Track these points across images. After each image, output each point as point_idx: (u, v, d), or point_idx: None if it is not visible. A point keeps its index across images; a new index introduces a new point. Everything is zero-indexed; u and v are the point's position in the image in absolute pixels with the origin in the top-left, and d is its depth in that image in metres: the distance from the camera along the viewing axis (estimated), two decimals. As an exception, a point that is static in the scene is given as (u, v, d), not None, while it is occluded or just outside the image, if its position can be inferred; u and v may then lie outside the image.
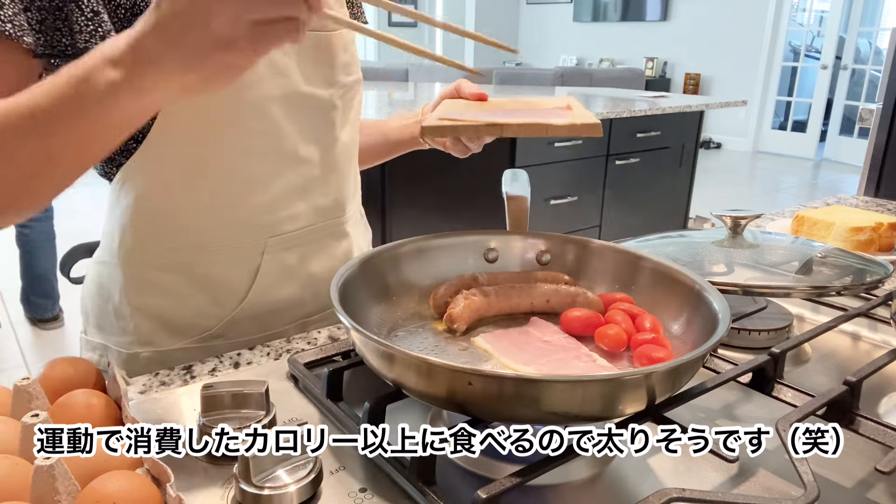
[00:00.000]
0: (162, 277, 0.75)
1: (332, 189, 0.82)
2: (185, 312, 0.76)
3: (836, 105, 7.35)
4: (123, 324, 0.77)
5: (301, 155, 0.76)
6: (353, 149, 0.87)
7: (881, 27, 7.16)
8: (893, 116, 1.99)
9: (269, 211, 0.75)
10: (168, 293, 0.75)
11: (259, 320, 0.79)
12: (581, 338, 0.63)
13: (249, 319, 0.78)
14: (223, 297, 0.76)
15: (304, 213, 0.79)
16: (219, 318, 0.77)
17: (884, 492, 0.51)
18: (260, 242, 0.76)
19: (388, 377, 0.51)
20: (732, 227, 0.86)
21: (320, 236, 0.82)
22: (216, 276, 0.75)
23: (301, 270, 0.81)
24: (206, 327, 0.77)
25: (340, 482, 0.50)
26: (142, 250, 0.74)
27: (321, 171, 0.79)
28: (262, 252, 0.76)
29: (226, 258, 0.75)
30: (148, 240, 0.73)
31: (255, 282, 0.77)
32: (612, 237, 0.88)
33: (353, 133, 0.85)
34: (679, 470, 0.53)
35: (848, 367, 0.74)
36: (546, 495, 0.50)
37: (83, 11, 0.61)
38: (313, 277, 0.82)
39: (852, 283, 0.73)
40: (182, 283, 0.75)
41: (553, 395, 0.46)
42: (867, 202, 1.49)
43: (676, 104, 3.29)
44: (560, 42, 9.33)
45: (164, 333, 0.76)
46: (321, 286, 0.82)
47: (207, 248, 0.74)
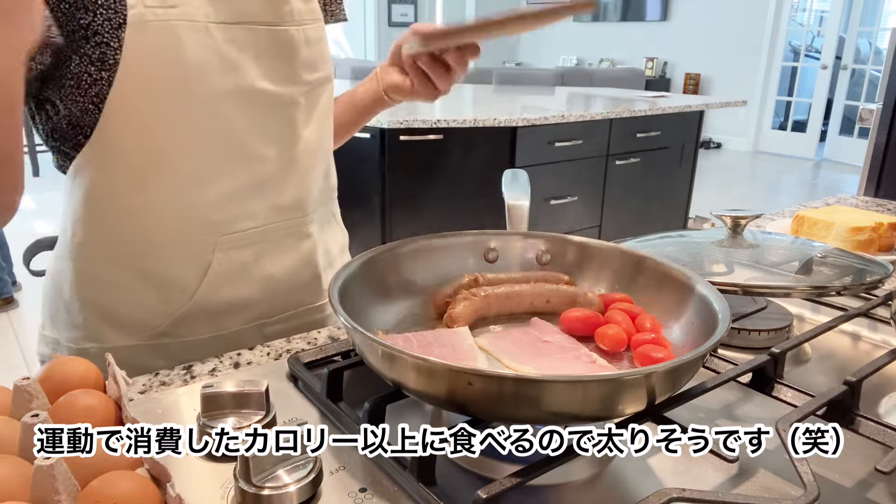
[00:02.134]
0: (111, 272, 0.74)
1: (293, 188, 0.80)
2: (133, 309, 0.75)
3: (836, 105, 7.35)
4: (73, 318, 0.76)
5: (257, 152, 0.75)
6: (320, 147, 0.84)
7: (881, 27, 7.16)
8: (893, 116, 1.99)
9: (219, 208, 0.74)
10: (116, 288, 0.74)
11: (211, 320, 0.78)
12: (581, 338, 0.63)
13: (200, 318, 0.77)
14: (172, 294, 0.75)
15: (260, 211, 0.77)
16: (167, 315, 0.76)
17: (884, 492, 0.51)
18: (210, 240, 0.75)
19: (388, 377, 0.51)
20: (732, 227, 0.86)
21: (279, 236, 0.80)
22: (165, 273, 0.74)
23: (256, 270, 0.79)
24: (154, 324, 0.76)
25: (340, 482, 0.50)
26: (91, 244, 0.74)
27: (280, 169, 0.77)
28: (213, 250, 0.75)
29: (175, 255, 0.74)
30: (97, 234, 0.73)
31: (205, 280, 0.75)
32: (612, 237, 0.88)
33: (320, 131, 0.83)
34: (679, 470, 0.53)
35: (848, 367, 0.74)
36: (546, 495, 0.50)
37: None
38: (271, 278, 0.80)
39: (852, 283, 0.73)
40: (130, 278, 0.74)
41: (553, 395, 0.46)
42: (867, 202, 1.49)
43: (676, 104, 3.29)
44: (560, 42, 9.32)
45: (111, 329, 0.76)
46: (279, 287, 0.81)
47: (156, 245, 0.73)
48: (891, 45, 2.07)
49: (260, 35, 0.72)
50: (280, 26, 0.73)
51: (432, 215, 2.69)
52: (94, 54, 0.65)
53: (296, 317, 0.85)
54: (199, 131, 0.70)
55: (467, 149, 2.66)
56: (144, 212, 0.72)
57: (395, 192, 2.62)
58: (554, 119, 2.76)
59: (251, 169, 0.75)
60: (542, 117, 2.73)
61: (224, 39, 0.69)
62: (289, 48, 0.75)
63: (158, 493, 0.44)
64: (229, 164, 0.73)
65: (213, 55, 0.68)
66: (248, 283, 0.79)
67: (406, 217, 2.66)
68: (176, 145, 0.70)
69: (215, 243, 0.75)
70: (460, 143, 2.63)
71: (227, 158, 0.73)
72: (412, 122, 2.50)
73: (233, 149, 0.73)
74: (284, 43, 0.74)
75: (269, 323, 0.83)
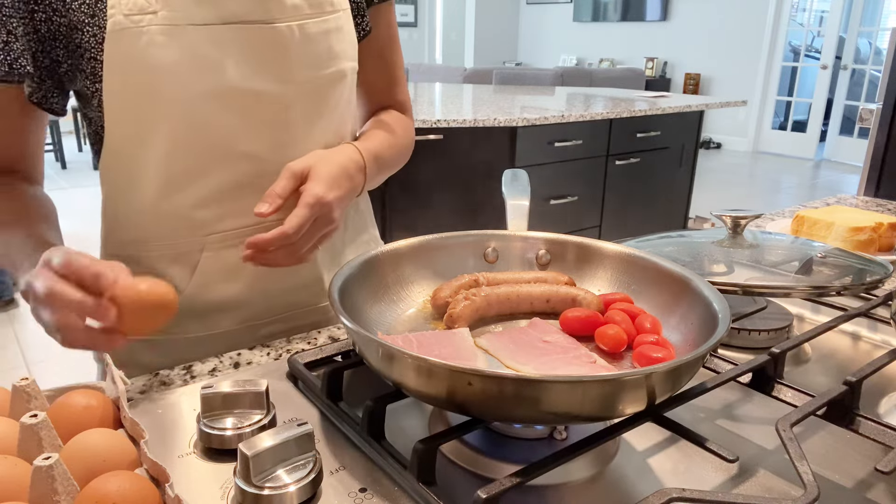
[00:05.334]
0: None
1: None
2: None
3: (836, 105, 7.35)
4: None
5: (243, 151, 0.74)
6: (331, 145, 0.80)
7: (881, 27, 7.16)
8: (893, 116, 1.99)
9: (203, 207, 0.74)
10: None
11: (202, 319, 0.78)
12: (581, 338, 0.63)
13: (191, 317, 0.78)
14: None
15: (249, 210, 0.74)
16: None
17: (884, 492, 0.51)
18: (197, 239, 0.75)
19: (388, 377, 0.51)
20: (732, 227, 0.85)
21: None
22: (157, 271, 0.76)
23: (246, 270, 0.77)
24: None
25: (340, 482, 0.50)
26: (105, 242, 0.79)
27: (273, 167, 0.74)
28: (201, 249, 0.75)
29: (163, 254, 0.76)
30: (108, 233, 0.79)
31: (193, 279, 0.76)
32: (612, 237, 0.88)
33: (329, 129, 0.80)
34: (679, 470, 0.53)
35: (848, 367, 0.74)
36: (546, 495, 0.50)
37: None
38: (262, 278, 0.79)
39: (852, 283, 0.73)
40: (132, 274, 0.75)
41: (553, 395, 0.46)
42: (867, 202, 1.49)
43: (676, 104, 3.29)
44: (560, 42, 9.32)
45: None
46: (271, 286, 0.81)
47: (146, 243, 0.76)
48: (891, 45, 2.07)
49: (247, 33, 0.71)
50: (269, 23, 0.71)
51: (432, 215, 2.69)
52: (87, 69, 0.68)
53: (294, 318, 0.84)
54: (176, 133, 0.70)
55: (467, 149, 2.66)
56: (134, 211, 0.75)
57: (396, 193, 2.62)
58: (554, 119, 2.76)
59: (236, 168, 0.74)
60: (542, 117, 2.72)
61: (205, 40, 0.68)
62: (279, 45, 0.72)
63: (157, 493, 0.44)
64: (211, 163, 0.73)
65: (189, 57, 0.68)
66: (238, 283, 0.78)
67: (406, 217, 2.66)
68: (155, 147, 0.71)
69: (203, 242, 0.75)
70: (460, 143, 2.63)
71: (209, 158, 0.73)
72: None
73: (214, 149, 0.72)
74: (273, 40, 0.72)
75: (264, 323, 0.82)
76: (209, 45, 0.69)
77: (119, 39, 0.66)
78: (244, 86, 0.71)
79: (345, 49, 0.79)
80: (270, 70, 0.73)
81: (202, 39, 0.68)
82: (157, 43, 0.66)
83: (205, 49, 0.68)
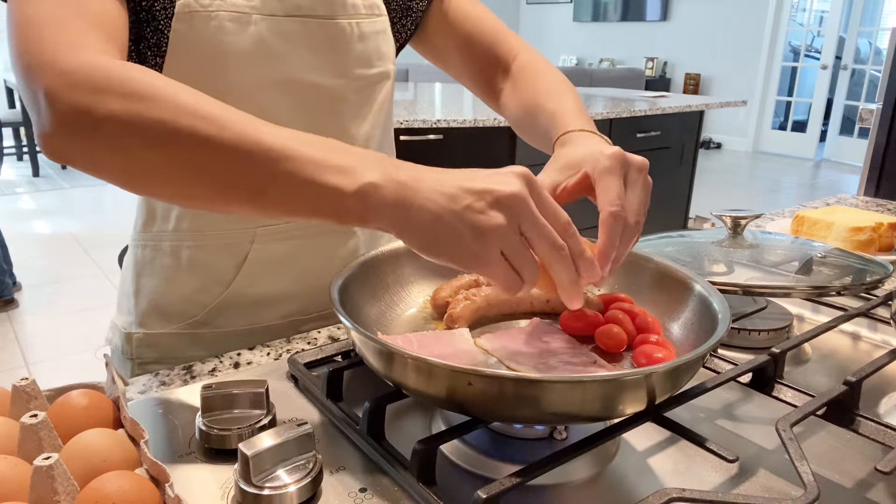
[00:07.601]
0: (159, 259, 0.77)
1: None
2: (175, 296, 0.78)
3: (836, 105, 7.36)
4: (129, 304, 0.80)
5: None
6: (373, 145, 0.81)
7: (881, 27, 7.16)
8: (893, 116, 1.99)
9: None
10: (162, 275, 0.77)
11: (246, 312, 0.79)
12: (581, 338, 0.63)
13: (236, 309, 0.78)
14: (209, 283, 0.77)
15: None
16: (204, 305, 0.78)
17: (884, 492, 0.51)
18: (248, 231, 0.76)
19: (388, 377, 0.51)
20: (732, 227, 0.86)
21: (319, 231, 0.80)
22: (204, 262, 0.76)
23: (294, 264, 0.79)
24: (192, 314, 0.78)
25: (340, 482, 0.50)
26: (146, 230, 0.78)
27: None
28: (252, 241, 0.76)
29: (213, 244, 0.76)
30: (150, 220, 0.77)
31: (241, 271, 0.76)
32: (613, 237, 0.87)
33: (375, 128, 0.82)
34: (679, 470, 0.53)
35: (848, 367, 0.74)
36: (546, 495, 0.50)
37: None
38: (309, 273, 0.80)
39: (852, 283, 0.73)
40: (174, 265, 0.76)
41: (553, 395, 0.46)
42: (867, 202, 1.49)
43: (676, 104, 3.29)
44: (560, 42, 9.33)
45: (155, 316, 0.78)
46: (317, 282, 0.80)
47: (196, 233, 0.75)
48: (891, 45, 2.07)
49: (311, 27, 0.72)
50: (332, 19, 0.74)
51: (432, 215, 2.69)
52: (152, 40, 0.67)
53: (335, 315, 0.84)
54: None
55: (467, 149, 2.66)
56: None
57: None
58: (554, 119, 2.75)
59: None
60: (542, 117, 2.72)
61: (271, 31, 0.70)
62: (340, 41, 0.75)
63: (157, 493, 0.44)
64: None
65: (255, 46, 0.69)
66: (285, 277, 0.79)
67: (406, 217, 2.66)
68: None
69: (254, 234, 0.76)
70: (460, 143, 2.63)
71: None
72: (412, 122, 2.50)
73: None
74: (336, 36, 0.74)
75: (306, 320, 0.83)
76: (275, 35, 0.70)
77: (189, 20, 0.66)
78: (306, 78, 0.73)
79: (389, 51, 0.82)
80: (330, 64, 0.74)
81: (269, 30, 0.70)
82: (226, 29, 0.67)
83: (271, 39, 0.70)
